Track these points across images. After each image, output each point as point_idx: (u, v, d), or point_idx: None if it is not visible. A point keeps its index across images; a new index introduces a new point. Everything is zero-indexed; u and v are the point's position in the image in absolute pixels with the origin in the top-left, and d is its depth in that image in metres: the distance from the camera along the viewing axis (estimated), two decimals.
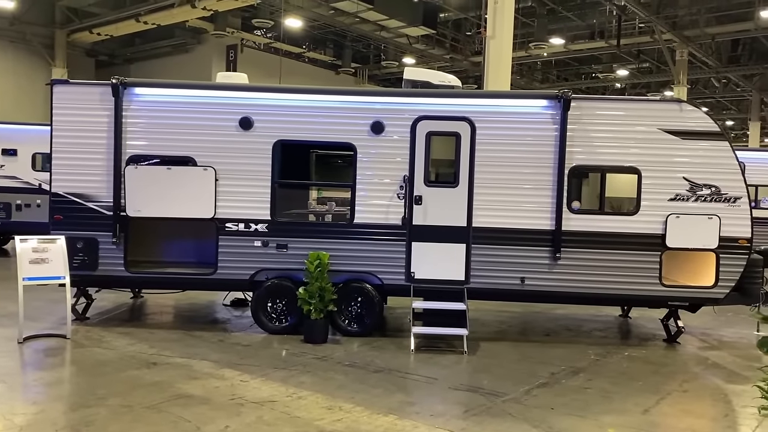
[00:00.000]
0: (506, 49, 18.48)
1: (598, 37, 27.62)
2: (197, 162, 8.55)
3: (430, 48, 30.34)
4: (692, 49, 26.14)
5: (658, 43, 26.19)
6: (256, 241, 8.62)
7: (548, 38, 26.94)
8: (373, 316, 8.65)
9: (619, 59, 31.07)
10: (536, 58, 30.55)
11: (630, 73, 32.88)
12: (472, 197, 8.45)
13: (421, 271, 8.54)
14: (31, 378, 6.48)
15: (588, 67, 34.46)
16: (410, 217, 8.49)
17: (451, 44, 30.90)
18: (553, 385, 6.80)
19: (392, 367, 7.22)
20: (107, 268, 8.59)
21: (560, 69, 35.20)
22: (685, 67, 26.62)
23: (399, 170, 8.53)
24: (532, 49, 27.55)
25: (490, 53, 18.14)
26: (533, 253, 8.46)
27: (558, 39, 27.37)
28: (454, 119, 8.48)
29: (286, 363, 7.28)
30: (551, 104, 8.44)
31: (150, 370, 6.83)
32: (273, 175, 8.61)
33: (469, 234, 8.46)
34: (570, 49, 28.68)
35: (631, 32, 27.05)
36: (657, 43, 26.43)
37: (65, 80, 8.79)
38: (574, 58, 31.73)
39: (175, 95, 8.69)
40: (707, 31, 25.26)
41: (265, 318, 8.72)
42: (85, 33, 27.17)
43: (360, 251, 8.61)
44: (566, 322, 10.15)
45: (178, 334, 8.49)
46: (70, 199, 8.58)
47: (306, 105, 8.66)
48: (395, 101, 8.62)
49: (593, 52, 29.50)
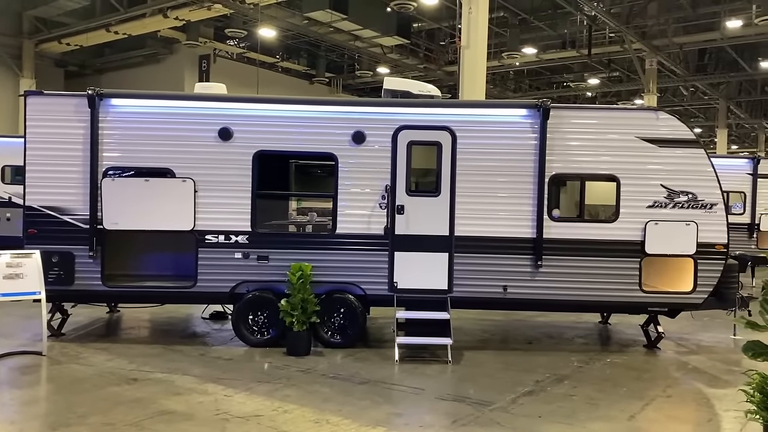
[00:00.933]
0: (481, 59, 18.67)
1: (569, 46, 28.08)
2: (176, 173, 8.42)
3: (404, 58, 30.51)
4: (661, 58, 26.75)
5: (628, 52, 26.73)
6: (236, 253, 8.51)
7: (521, 48, 27.31)
8: (356, 327, 8.59)
9: (590, 68, 31.64)
10: (509, 67, 30.94)
11: (601, 81, 33.48)
12: (453, 206, 8.47)
13: (404, 280, 8.52)
14: (7, 397, 6.28)
15: (560, 76, 35.00)
16: (392, 226, 8.48)
17: (425, 54, 31.13)
18: (538, 393, 6.82)
19: (377, 379, 7.17)
20: (84, 282, 8.39)
21: (532, 78, 35.70)
22: (655, 76, 27.22)
23: (381, 180, 8.51)
24: (505, 59, 27.91)
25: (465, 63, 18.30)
26: (515, 261, 8.50)
27: (530, 49, 27.77)
28: (435, 129, 8.50)
29: (270, 376, 7.18)
30: (531, 113, 8.52)
31: (130, 386, 6.67)
32: (253, 186, 8.52)
33: (451, 243, 8.47)
34: (542, 59, 29.12)
35: (602, 42, 27.57)
36: (627, 53, 26.98)
37: (39, 91, 8.59)
38: (546, 68, 32.22)
39: (152, 106, 8.56)
40: (675, 41, 25.89)
41: (247, 331, 8.60)
42: (54, 43, 26.70)
43: (342, 262, 8.55)
44: (548, 329, 10.21)
45: (157, 349, 8.32)
46: (44, 212, 8.37)
47: (286, 115, 8.60)
48: (376, 111, 8.61)
49: (565, 62, 29.99)
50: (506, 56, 27.54)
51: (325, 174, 10.92)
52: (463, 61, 18.42)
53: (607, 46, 27.66)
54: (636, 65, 27.30)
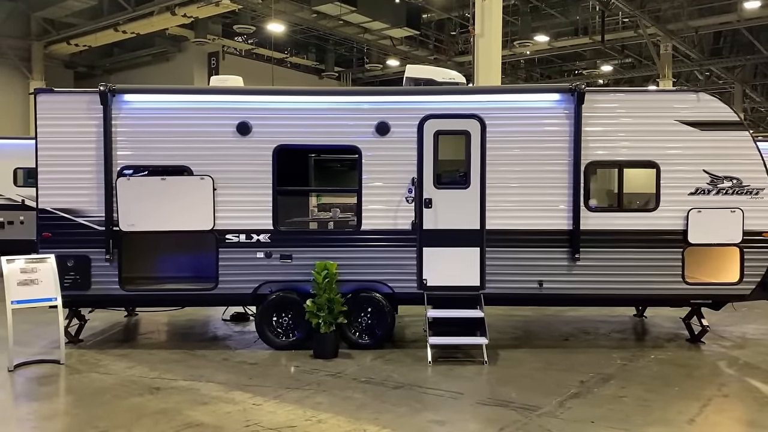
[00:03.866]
0: (495, 47, 18.18)
1: (582, 33, 27.57)
2: (193, 171, 8.06)
3: (413, 49, 30.09)
4: (676, 43, 26.12)
5: (642, 37, 26.13)
6: (258, 253, 8.15)
7: (532, 36, 26.79)
8: (384, 327, 8.21)
9: (602, 55, 31.04)
10: (520, 56, 30.39)
11: (613, 68, 32.86)
12: (484, 198, 8.06)
13: (434, 277, 8.12)
14: (25, 411, 5.95)
15: (571, 64, 34.42)
16: (420, 221, 8.08)
17: (434, 45, 30.68)
18: (585, 395, 6.41)
19: (412, 382, 6.79)
20: (101, 286, 8.06)
21: (543, 67, 35.14)
22: (670, 61, 26.60)
23: (407, 172, 8.11)
24: (516, 48, 27.37)
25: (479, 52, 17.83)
26: (551, 255, 8.08)
27: (542, 36, 27.22)
28: (463, 117, 8.08)
29: (299, 382, 6.82)
30: (564, 98, 8.08)
31: (154, 396, 6.33)
32: (274, 183, 8.15)
33: (482, 237, 8.06)
34: (554, 47, 28.56)
35: (615, 27, 26.99)
36: (641, 38, 26.37)
37: (49, 89, 8.24)
38: (558, 56, 31.66)
39: (167, 101, 8.19)
40: (690, 24, 25.26)
41: (271, 333, 8.25)
42: (63, 44, 26.50)
43: (368, 259, 8.17)
44: (582, 324, 9.79)
45: (179, 354, 7.99)
46: (58, 215, 8.04)
47: (307, 107, 8.21)
48: (401, 100, 8.21)
49: (577, 49, 29.45)
50: (518, 45, 27.00)
51: (345, 168, 10.55)
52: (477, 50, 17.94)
53: (621, 31, 27.09)
54: (651, 50, 26.68)
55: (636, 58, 31.66)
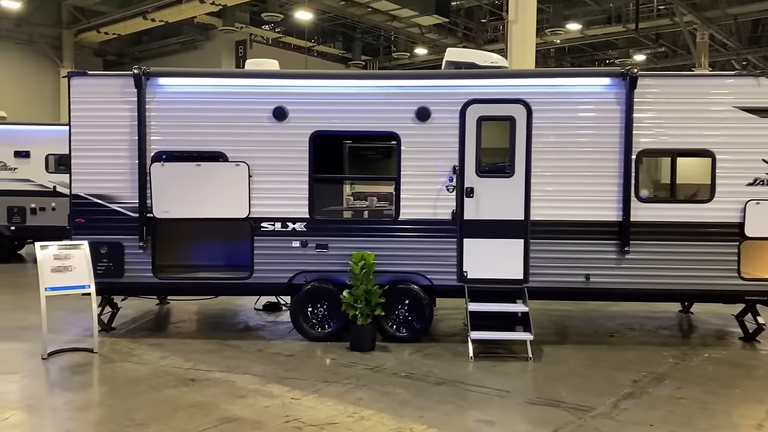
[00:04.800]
0: (530, 34, 17.70)
1: (615, 21, 26.86)
2: (228, 157, 7.84)
3: (442, 37, 29.66)
4: (713, 31, 25.29)
5: (677, 25, 25.35)
6: (294, 242, 7.93)
7: (564, 24, 26.17)
8: (422, 320, 7.93)
9: (635, 44, 30.21)
10: (550, 45, 29.74)
11: (646, 58, 32.01)
12: (529, 188, 7.71)
13: (475, 270, 7.81)
14: (59, 401, 5.80)
15: (603, 53, 33.61)
16: (461, 211, 7.77)
17: (463, 33, 30.17)
18: (640, 395, 6.07)
19: (454, 378, 6.51)
20: (134, 274, 7.91)
21: (574, 56, 34.39)
22: (706, 50, 25.77)
23: (448, 160, 7.79)
24: (548, 36, 26.76)
25: (513, 38, 17.37)
26: (599, 248, 7.72)
27: (574, 24, 26.58)
28: (508, 102, 7.73)
29: (337, 375, 6.58)
30: (615, 82, 7.68)
31: (189, 387, 6.14)
32: (310, 170, 7.90)
33: (527, 228, 7.73)
34: (586, 35, 27.92)
35: (649, 15, 26.22)
36: (677, 26, 25.58)
37: (83, 72, 8.08)
38: (589, 44, 30.93)
39: (202, 85, 7.96)
40: (729, 12, 24.41)
41: (306, 324, 8.03)
42: (93, 32, 26.66)
43: (406, 250, 7.89)
44: (626, 320, 9.40)
45: (213, 344, 7.81)
46: (92, 200, 7.89)
47: (344, 92, 7.93)
48: (442, 84, 7.88)
49: (610, 38, 28.71)
50: (549, 33, 26.42)
51: (380, 156, 10.25)
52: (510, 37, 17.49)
53: (656, 19, 26.33)
54: (687, 39, 25.86)
55: (670, 47, 30.79)
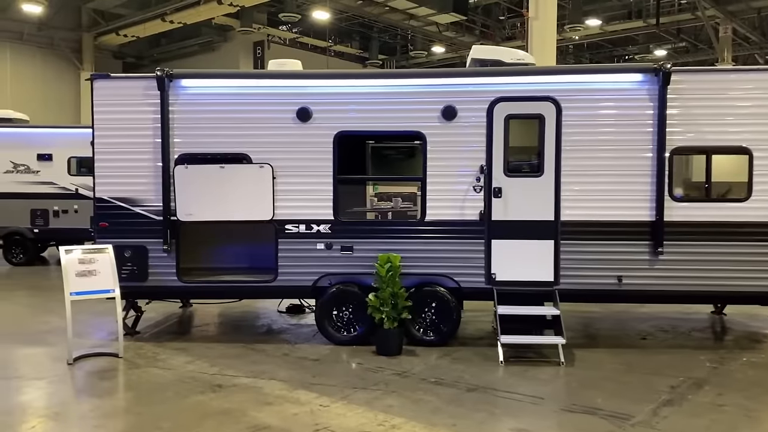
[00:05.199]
0: (550, 30, 17.45)
1: (635, 16, 26.41)
2: (252, 159, 7.74)
3: (459, 35, 29.46)
4: (736, 25, 24.76)
5: (700, 19, 24.85)
6: (318, 244, 7.81)
7: (583, 20, 25.79)
8: (450, 323, 7.77)
9: (655, 39, 29.71)
10: (569, 41, 29.35)
11: (667, 53, 31.48)
12: (559, 187, 7.52)
13: (504, 272, 7.64)
14: (86, 408, 5.73)
15: (622, 49, 33.12)
16: (489, 211, 7.60)
17: (481, 31, 29.89)
18: (680, 402, 5.85)
19: (486, 384, 6.34)
20: (158, 278, 7.85)
21: (593, 52, 33.93)
22: (729, 45, 25.28)
23: (475, 160, 7.63)
24: (567, 32, 26.39)
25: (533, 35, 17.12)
26: (631, 249, 7.50)
27: (594, 20, 26.18)
28: (537, 100, 7.54)
29: (365, 381, 6.44)
30: (648, 78, 7.45)
31: (216, 394, 6.04)
32: (335, 171, 7.78)
33: (557, 229, 7.53)
34: (606, 31, 27.50)
35: (670, 10, 25.77)
36: (699, 20, 25.09)
37: (106, 75, 8.02)
38: (608, 40, 30.46)
39: (225, 86, 7.88)
40: (752, 5, 23.90)
41: (331, 328, 7.91)
42: (112, 35, 26.83)
43: (433, 252, 7.74)
44: (657, 322, 9.16)
45: (237, 348, 7.72)
46: (115, 204, 7.84)
47: (369, 91, 7.79)
48: (469, 82, 7.70)
49: (629, 33, 28.25)
50: (568, 29, 26.05)
51: (402, 156, 10.10)
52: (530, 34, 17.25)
53: (677, 14, 25.83)
54: (709, 33, 25.35)
55: (691, 42, 30.24)
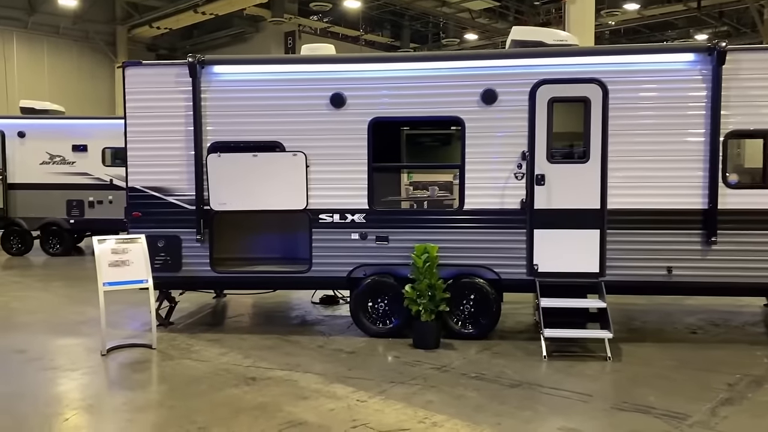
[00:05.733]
0: (589, 14, 16.92)
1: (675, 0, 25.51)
2: (285, 147, 7.56)
3: (493, 22, 28.93)
4: None
5: (744, 2, 23.86)
6: (353, 234, 7.60)
7: (621, 4, 25.00)
8: (489, 315, 7.49)
9: (695, 23, 28.65)
10: (605, 27, 28.51)
11: (708, 38, 30.37)
12: (605, 174, 7.15)
13: (546, 263, 7.32)
14: (119, 401, 5.63)
15: (660, 34, 32.08)
16: (531, 200, 7.28)
17: (514, 17, 29.26)
18: (739, 401, 5.49)
19: (530, 380, 6.06)
20: (192, 268, 7.73)
21: (630, 37, 32.96)
22: None
23: (516, 145, 7.30)
24: (604, 17, 25.62)
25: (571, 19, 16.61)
26: (682, 238, 7.11)
27: (632, 4, 25.37)
28: (582, 82, 7.17)
29: (403, 375, 6.22)
30: (701, 58, 7.02)
31: (250, 387, 5.89)
32: (369, 159, 7.54)
33: (603, 218, 7.18)
34: (644, 15, 26.64)
35: None
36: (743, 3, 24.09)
37: (137, 62, 7.91)
38: (646, 25, 29.51)
39: (257, 72, 7.69)
40: None
41: (367, 319, 7.71)
42: (145, 27, 27.05)
43: (472, 242, 7.46)
44: (707, 315, 8.73)
45: (272, 340, 7.57)
46: (148, 193, 7.74)
47: (405, 75, 7.51)
48: (510, 64, 7.36)
49: (669, 17, 27.30)
50: (605, 14, 25.28)
51: (438, 143, 9.84)
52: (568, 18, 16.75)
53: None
54: (754, 15, 24.32)
55: (733, 26, 29.10)
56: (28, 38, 25.91)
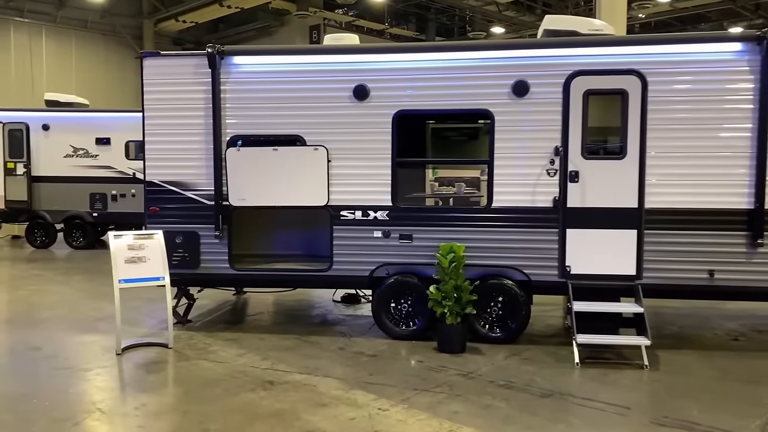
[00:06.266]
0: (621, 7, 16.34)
1: None
2: (306, 140, 7.29)
3: (520, 15, 28.35)
4: None
5: None
6: (375, 232, 7.31)
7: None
8: (518, 319, 7.15)
9: (730, 16, 27.69)
10: (635, 20, 27.74)
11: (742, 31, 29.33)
12: (643, 171, 6.75)
13: (579, 264, 6.94)
14: (131, 405, 5.41)
15: (692, 27, 31.16)
16: (564, 197, 6.91)
17: (542, 10, 28.64)
18: None
19: (562, 390, 5.71)
20: (210, 265, 7.52)
21: (661, 31, 32.09)
22: None
23: (549, 140, 6.94)
24: (634, 10, 24.89)
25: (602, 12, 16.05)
26: (726, 240, 6.69)
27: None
28: (620, 73, 6.77)
29: (427, 382, 5.92)
30: (748, 48, 6.57)
31: (267, 392, 5.64)
32: (393, 154, 7.24)
33: (640, 217, 6.78)
34: (676, 8, 25.86)
35: None
36: None
37: (155, 52, 7.71)
38: (677, 18, 28.63)
39: (278, 63, 7.43)
40: None
41: (389, 321, 7.42)
42: (172, 21, 27.12)
43: (500, 241, 7.12)
44: (749, 320, 8.27)
45: (291, 340, 7.33)
46: (166, 188, 7.55)
47: (431, 66, 7.18)
48: (543, 54, 7.00)
49: (702, 10, 26.46)
50: (636, 6, 24.57)
51: (465, 137, 9.48)
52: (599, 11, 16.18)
53: None
54: None
55: None
56: (57, 32, 26.11)
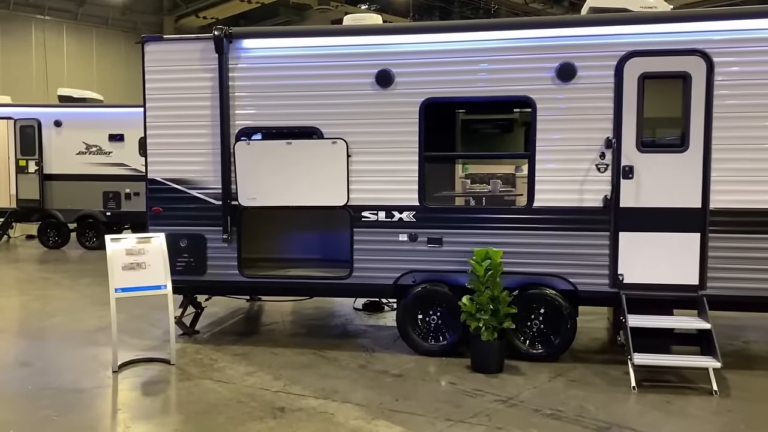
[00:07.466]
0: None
1: None
2: (324, 133, 6.54)
3: (547, 7, 27.37)
4: None
5: None
6: (401, 235, 6.53)
7: None
8: (562, 333, 6.32)
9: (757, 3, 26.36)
10: None
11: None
12: (708, 166, 5.88)
13: (634, 272, 6.09)
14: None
15: None
16: (617, 196, 6.06)
17: (570, 2, 27.63)
18: None
19: (619, 421, 4.88)
20: (218, 271, 6.81)
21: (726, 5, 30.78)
22: None
23: (598, 131, 6.10)
24: None
25: None
26: None
27: None
28: (681, 54, 5.90)
29: (461, 410, 5.13)
30: None
31: (276, 422, 4.90)
32: (420, 147, 6.45)
33: (704, 219, 5.91)
34: None
35: None
36: None
37: (158, 36, 7.01)
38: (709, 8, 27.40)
39: (293, 47, 6.66)
40: None
41: (416, 334, 6.64)
42: (192, 17, 26.79)
43: (542, 246, 6.30)
44: None
45: (306, 356, 6.60)
46: (170, 186, 6.87)
47: (464, 48, 6.37)
48: (592, 33, 6.13)
49: None
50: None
51: (499, 129, 8.63)
52: None
53: None
54: None
55: None
56: (77, 30, 25.91)
